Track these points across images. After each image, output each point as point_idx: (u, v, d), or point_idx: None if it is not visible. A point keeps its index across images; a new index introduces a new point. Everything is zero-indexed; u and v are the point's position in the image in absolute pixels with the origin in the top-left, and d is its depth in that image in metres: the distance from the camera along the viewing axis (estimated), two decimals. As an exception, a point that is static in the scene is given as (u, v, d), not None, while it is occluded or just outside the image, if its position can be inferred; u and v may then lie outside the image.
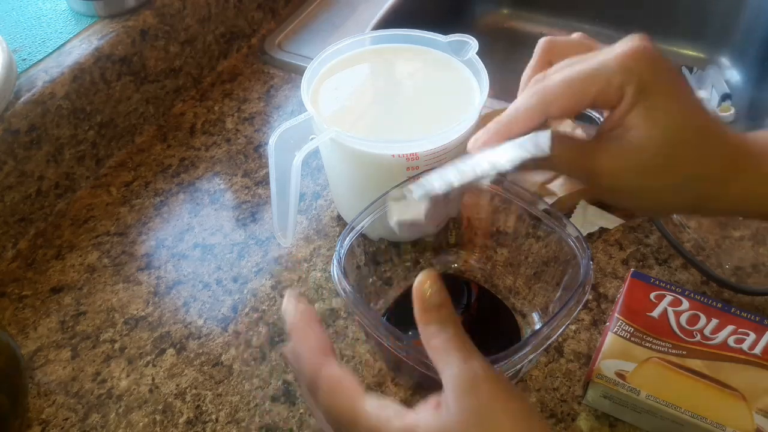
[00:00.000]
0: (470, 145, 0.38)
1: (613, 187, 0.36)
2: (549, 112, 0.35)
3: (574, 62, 0.36)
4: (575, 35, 0.39)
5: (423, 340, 0.32)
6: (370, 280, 0.51)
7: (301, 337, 0.33)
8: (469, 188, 0.42)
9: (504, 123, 0.36)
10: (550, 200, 0.56)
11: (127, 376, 0.50)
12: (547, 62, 0.38)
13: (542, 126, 0.36)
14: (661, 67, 0.34)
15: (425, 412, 0.30)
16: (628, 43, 0.34)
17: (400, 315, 0.51)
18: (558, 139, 0.34)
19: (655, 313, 0.46)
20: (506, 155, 0.35)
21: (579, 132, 0.46)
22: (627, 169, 0.35)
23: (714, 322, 0.45)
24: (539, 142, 0.34)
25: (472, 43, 0.52)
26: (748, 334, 0.45)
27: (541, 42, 0.39)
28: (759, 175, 0.36)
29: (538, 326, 0.49)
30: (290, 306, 0.34)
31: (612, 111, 0.35)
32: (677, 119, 0.34)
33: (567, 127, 0.54)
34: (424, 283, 0.32)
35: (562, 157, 0.35)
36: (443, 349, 0.31)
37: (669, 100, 0.34)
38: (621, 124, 0.34)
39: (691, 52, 0.91)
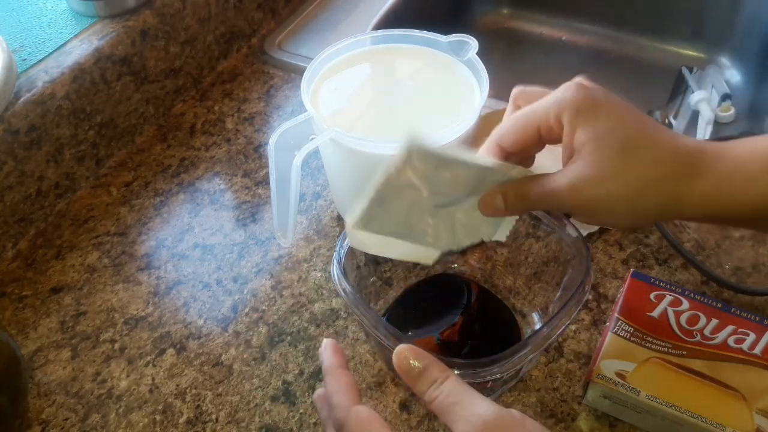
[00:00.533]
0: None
1: (582, 205, 0.37)
2: (505, 146, 0.39)
3: (535, 94, 0.40)
4: (540, 88, 0.41)
5: (427, 406, 0.34)
6: (370, 280, 0.51)
7: (334, 379, 0.36)
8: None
9: None
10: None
11: (127, 376, 0.50)
12: (517, 107, 0.42)
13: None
14: (593, 93, 0.37)
15: None
16: (565, 84, 0.38)
17: (400, 315, 0.51)
18: (527, 186, 0.39)
19: (655, 313, 0.46)
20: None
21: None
22: (586, 182, 0.36)
23: (714, 322, 0.45)
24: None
25: (472, 43, 0.52)
26: (748, 334, 0.45)
27: (513, 91, 0.42)
28: (720, 172, 0.36)
29: (538, 326, 0.49)
30: (327, 352, 0.37)
31: (563, 145, 0.37)
32: (619, 128, 0.36)
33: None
34: (402, 358, 0.34)
35: (535, 199, 0.39)
36: (445, 407, 0.32)
37: (607, 115, 0.36)
38: (573, 151, 0.37)
39: (691, 52, 0.91)
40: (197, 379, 0.50)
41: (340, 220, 0.60)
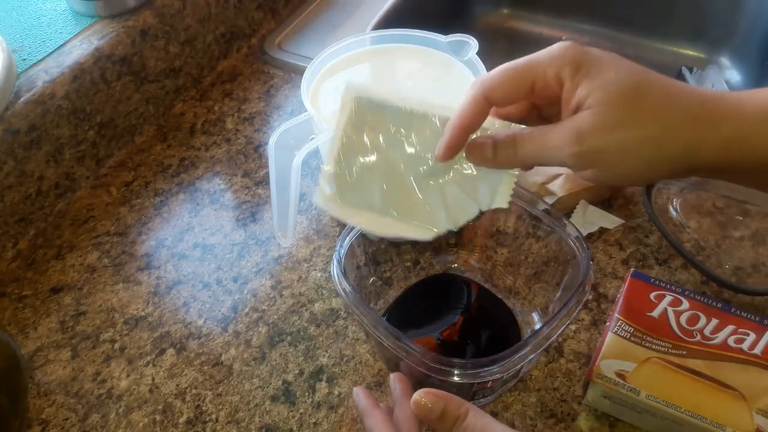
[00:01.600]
0: (439, 153, 0.38)
1: (587, 156, 0.34)
2: (491, 98, 0.36)
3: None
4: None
5: None
6: (370, 280, 0.51)
7: (371, 415, 0.38)
8: None
9: (456, 122, 0.37)
10: (550, 200, 0.56)
11: (127, 376, 0.50)
12: (483, 98, 0.38)
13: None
14: (590, 49, 0.35)
15: None
16: (555, 44, 0.36)
17: (400, 315, 0.51)
18: (520, 137, 0.36)
19: (655, 313, 0.46)
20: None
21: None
22: (594, 129, 0.33)
23: (714, 322, 0.45)
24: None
25: (472, 43, 0.52)
26: (748, 334, 0.45)
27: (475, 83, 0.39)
28: (745, 115, 0.34)
29: (538, 326, 0.49)
30: (361, 394, 0.40)
31: (563, 104, 0.35)
32: (628, 76, 0.34)
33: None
34: (420, 405, 0.35)
35: (531, 152, 0.36)
36: None
37: (612, 67, 0.34)
38: (576, 105, 0.34)
39: (691, 52, 0.91)
40: (197, 379, 0.50)
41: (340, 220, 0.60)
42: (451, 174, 0.40)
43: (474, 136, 0.38)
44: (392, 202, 0.40)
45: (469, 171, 0.39)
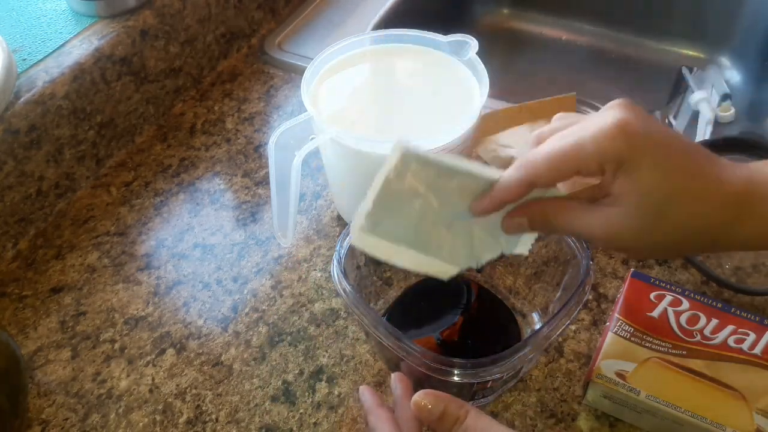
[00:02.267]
0: (474, 208, 0.39)
1: (615, 248, 0.38)
2: (535, 184, 0.37)
3: (558, 136, 0.37)
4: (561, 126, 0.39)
5: None
6: (370, 280, 0.51)
7: (375, 414, 0.38)
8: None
9: (499, 194, 0.38)
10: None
11: (127, 376, 0.50)
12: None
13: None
14: (640, 139, 0.34)
15: None
16: (606, 118, 0.35)
17: (400, 315, 0.51)
18: (554, 217, 0.38)
19: (655, 313, 0.46)
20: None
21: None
22: (622, 232, 0.35)
23: (714, 322, 0.45)
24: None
25: (472, 43, 0.52)
26: (748, 334, 0.45)
27: (533, 136, 0.40)
28: (765, 217, 0.35)
29: (538, 326, 0.49)
30: (366, 394, 0.40)
31: (601, 182, 0.36)
32: (663, 182, 0.34)
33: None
34: (420, 407, 0.36)
35: (562, 227, 0.38)
36: None
37: (651, 166, 0.34)
38: (609, 193, 0.35)
39: (691, 52, 0.91)
40: (197, 379, 0.50)
41: (340, 220, 0.60)
42: (481, 220, 0.41)
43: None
44: (421, 240, 0.42)
45: (497, 218, 0.40)
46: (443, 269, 0.42)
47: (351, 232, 0.41)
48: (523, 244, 0.41)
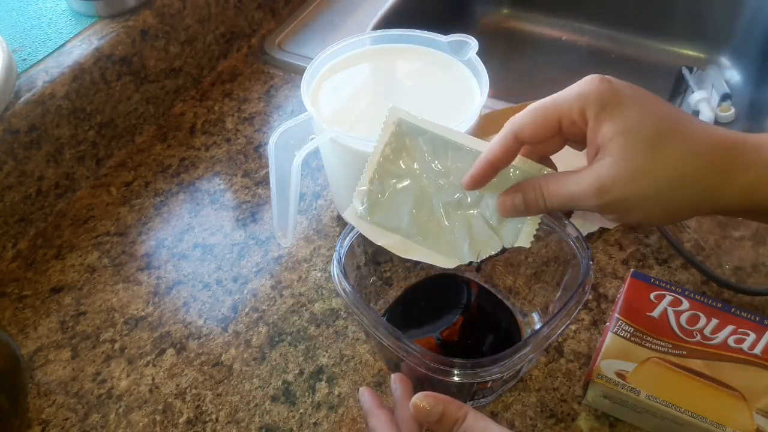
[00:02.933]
0: (465, 182, 0.40)
1: (611, 204, 0.35)
2: (520, 136, 0.37)
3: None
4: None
5: None
6: (370, 280, 0.51)
7: (375, 415, 0.38)
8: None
9: (487, 157, 0.39)
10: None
11: (127, 376, 0.50)
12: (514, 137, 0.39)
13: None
14: (618, 84, 0.35)
15: None
16: (584, 78, 0.36)
17: (400, 315, 0.51)
18: (546, 188, 0.37)
19: (655, 313, 0.46)
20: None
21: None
22: (616, 181, 0.34)
23: (714, 322, 0.45)
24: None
25: (472, 43, 0.52)
26: (748, 334, 0.45)
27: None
28: (764, 163, 0.34)
29: (538, 326, 0.49)
30: (366, 395, 0.40)
31: (587, 141, 0.36)
32: (649, 120, 0.34)
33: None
34: (419, 408, 0.35)
35: (555, 196, 0.37)
36: None
37: (635, 107, 0.34)
38: (598, 146, 0.35)
39: (691, 52, 0.91)
40: (197, 379, 0.50)
41: (340, 220, 0.60)
42: (480, 207, 0.41)
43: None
44: (419, 227, 0.42)
45: (495, 208, 0.40)
46: (442, 261, 0.42)
47: (347, 212, 0.41)
48: (524, 236, 0.41)
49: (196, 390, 0.49)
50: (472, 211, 0.41)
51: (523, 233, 0.41)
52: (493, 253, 0.41)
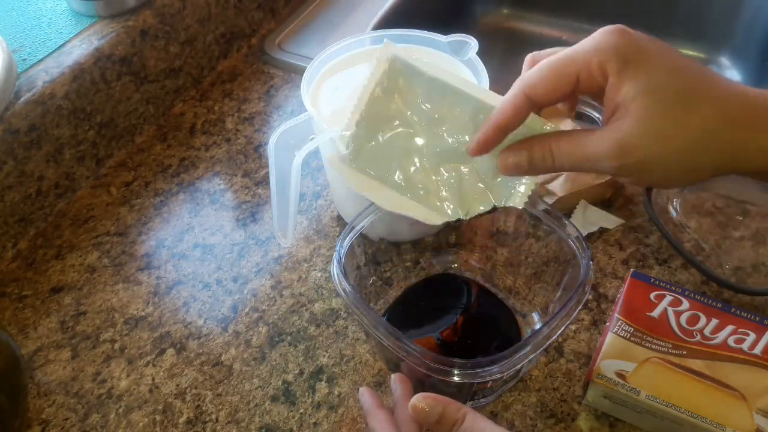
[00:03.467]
0: (470, 147, 0.37)
1: (631, 165, 0.33)
2: (533, 96, 0.34)
3: (553, 53, 0.35)
4: (557, 48, 0.38)
5: None
6: (370, 280, 0.51)
7: (374, 415, 0.38)
8: None
9: (493, 120, 0.36)
10: (550, 200, 0.56)
11: (127, 376, 0.50)
12: None
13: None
14: (638, 38, 0.33)
15: None
16: (601, 30, 0.34)
17: (400, 315, 0.51)
18: (557, 146, 0.34)
19: (655, 313, 0.46)
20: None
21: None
22: (638, 140, 0.33)
23: (714, 322, 0.45)
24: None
25: (472, 43, 0.52)
26: (748, 334, 0.45)
27: (527, 57, 0.38)
28: None
29: (538, 326, 0.49)
30: (365, 395, 0.40)
31: (605, 97, 0.34)
32: (674, 78, 0.33)
33: (567, 126, 0.54)
34: (418, 410, 0.35)
35: (567, 156, 0.35)
36: None
37: (659, 63, 0.33)
38: (618, 105, 0.33)
39: (691, 52, 0.91)
40: (197, 379, 0.50)
41: (340, 220, 0.60)
42: (473, 162, 0.38)
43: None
44: (407, 180, 0.38)
45: (492, 162, 0.37)
46: (429, 216, 0.39)
47: (329, 158, 0.38)
48: (518, 197, 0.38)
49: (196, 390, 0.49)
50: (464, 166, 0.38)
51: (517, 193, 0.37)
52: (484, 210, 0.38)
